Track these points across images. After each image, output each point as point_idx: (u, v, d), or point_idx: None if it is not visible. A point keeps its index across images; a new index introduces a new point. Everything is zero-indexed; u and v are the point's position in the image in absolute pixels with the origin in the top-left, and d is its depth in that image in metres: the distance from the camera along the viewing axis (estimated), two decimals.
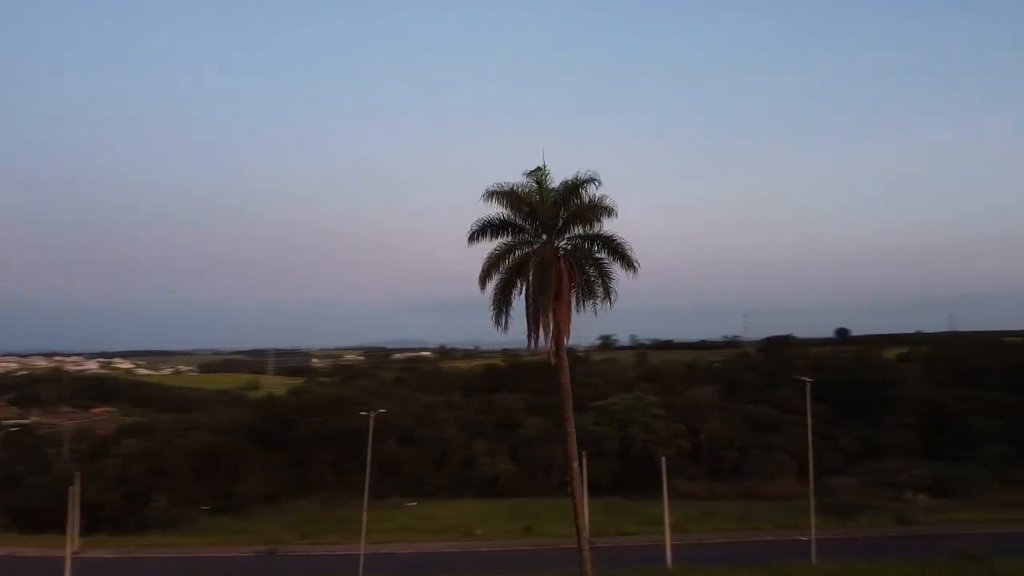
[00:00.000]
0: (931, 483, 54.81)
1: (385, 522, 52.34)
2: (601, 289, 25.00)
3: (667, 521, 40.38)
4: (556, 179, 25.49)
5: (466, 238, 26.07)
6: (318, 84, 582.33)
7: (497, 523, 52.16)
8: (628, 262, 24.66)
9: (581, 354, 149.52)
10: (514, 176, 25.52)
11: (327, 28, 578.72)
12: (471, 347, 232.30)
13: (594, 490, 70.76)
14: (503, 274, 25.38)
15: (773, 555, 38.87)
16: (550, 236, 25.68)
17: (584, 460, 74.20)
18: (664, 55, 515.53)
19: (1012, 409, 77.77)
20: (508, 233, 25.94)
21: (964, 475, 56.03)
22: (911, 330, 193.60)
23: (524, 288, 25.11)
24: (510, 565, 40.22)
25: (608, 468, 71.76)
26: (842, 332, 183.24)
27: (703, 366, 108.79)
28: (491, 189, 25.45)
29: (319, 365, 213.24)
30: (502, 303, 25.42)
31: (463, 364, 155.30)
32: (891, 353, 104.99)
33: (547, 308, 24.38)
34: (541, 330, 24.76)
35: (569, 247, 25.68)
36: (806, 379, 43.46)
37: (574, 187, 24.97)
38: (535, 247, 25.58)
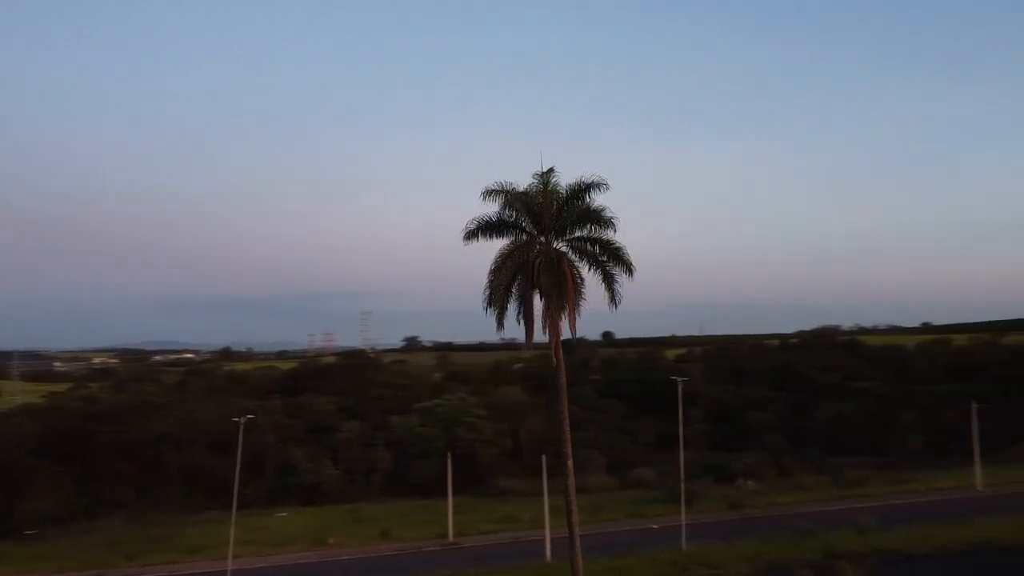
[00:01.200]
0: (758, 471, 61.33)
1: (212, 536, 48.35)
2: (607, 291, 25.32)
3: (547, 517, 41.42)
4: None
5: (463, 236, 25.79)
6: None
7: (344, 530, 50.15)
8: (627, 267, 25.20)
9: (373, 356, 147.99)
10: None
11: None
12: (244, 349, 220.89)
13: (420, 491, 70.83)
14: (504, 274, 25.07)
15: (636, 543, 41.23)
16: (550, 237, 25.66)
17: (406, 461, 74.71)
18: None
19: (777, 404, 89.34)
20: (505, 233, 25.70)
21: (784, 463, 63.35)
22: (667, 334, 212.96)
23: (523, 287, 24.98)
24: (384, 571, 39.02)
25: (433, 469, 71.92)
26: (607, 335, 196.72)
27: (506, 367, 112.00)
28: (490, 188, 25.27)
29: (65, 369, 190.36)
30: (504, 303, 25.06)
31: (244, 366, 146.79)
32: (671, 354, 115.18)
33: (550, 308, 24.48)
34: (546, 329, 24.70)
35: (570, 248, 25.86)
36: (679, 379, 46.58)
37: (578, 190, 25.22)
38: (537, 247, 25.47)
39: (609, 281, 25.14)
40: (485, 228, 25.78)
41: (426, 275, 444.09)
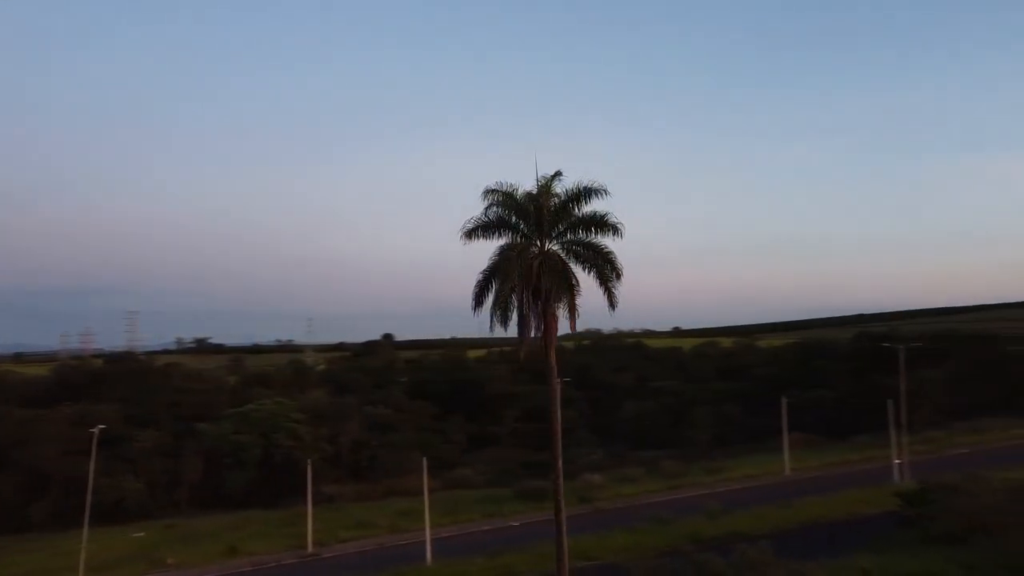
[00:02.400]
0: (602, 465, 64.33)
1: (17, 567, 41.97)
2: (605, 295, 25.34)
3: (427, 518, 40.60)
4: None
5: (463, 234, 25.24)
6: None
7: (177, 549, 45.51)
8: (617, 272, 25.40)
9: (144, 358, 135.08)
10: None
11: None
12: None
13: (235, 503, 65.89)
14: (501, 275, 24.61)
15: (506, 541, 41.76)
16: (548, 239, 25.53)
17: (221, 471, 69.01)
18: None
19: (580, 403, 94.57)
20: (504, 233, 25.39)
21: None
22: (447, 335, 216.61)
23: (521, 288, 24.54)
24: None
25: (249, 478, 67.43)
26: (388, 336, 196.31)
27: (308, 369, 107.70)
28: (490, 187, 24.98)
29: None
30: (507, 303, 24.55)
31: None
32: (473, 354, 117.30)
33: (551, 308, 24.56)
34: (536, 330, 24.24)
35: (566, 251, 25.71)
36: (566, 379, 47.49)
37: (578, 194, 25.22)
38: (534, 249, 25.25)
39: (607, 284, 25.38)
40: (485, 228, 25.34)
41: (195, 274, 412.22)
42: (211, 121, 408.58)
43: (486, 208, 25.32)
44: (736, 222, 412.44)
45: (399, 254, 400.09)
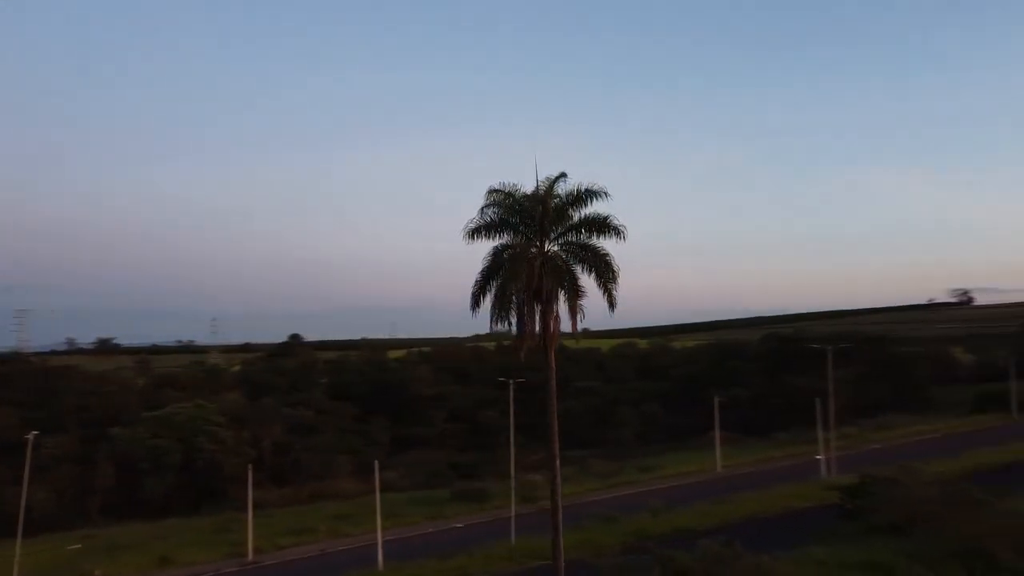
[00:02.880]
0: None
1: None
2: (605, 296, 25.19)
3: (379, 521, 39.60)
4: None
5: (465, 235, 25.21)
6: None
7: (103, 560, 42.77)
8: (613, 274, 25.28)
9: (34, 359, 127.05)
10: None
11: None
12: None
13: (151, 511, 62.53)
14: (500, 275, 24.64)
15: (452, 543, 41.32)
16: (548, 239, 25.50)
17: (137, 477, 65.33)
18: None
19: (503, 403, 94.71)
20: (506, 233, 25.29)
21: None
22: (357, 336, 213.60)
23: (518, 288, 24.37)
24: None
25: (168, 484, 64.31)
26: (296, 337, 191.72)
27: (222, 370, 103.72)
28: (493, 188, 24.90)
29: None
30: (508, 303, 24.61)
31: None
32: (393, 355, 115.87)
33: (550, 309, 24.56)
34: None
35: (566, 251, 25.63)
36: (512, 381, 47.15)
37: (579, 196, 25.19)
38: (534, 249, 25.15)
39: (606, 286, 25.30)
40: (487, 228, 25.23)
41: (86, 273, 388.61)
42: (104, 112, 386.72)
43: (484, 208, 25.22)
44: (644, 224, 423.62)
45: (308, 253, 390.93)
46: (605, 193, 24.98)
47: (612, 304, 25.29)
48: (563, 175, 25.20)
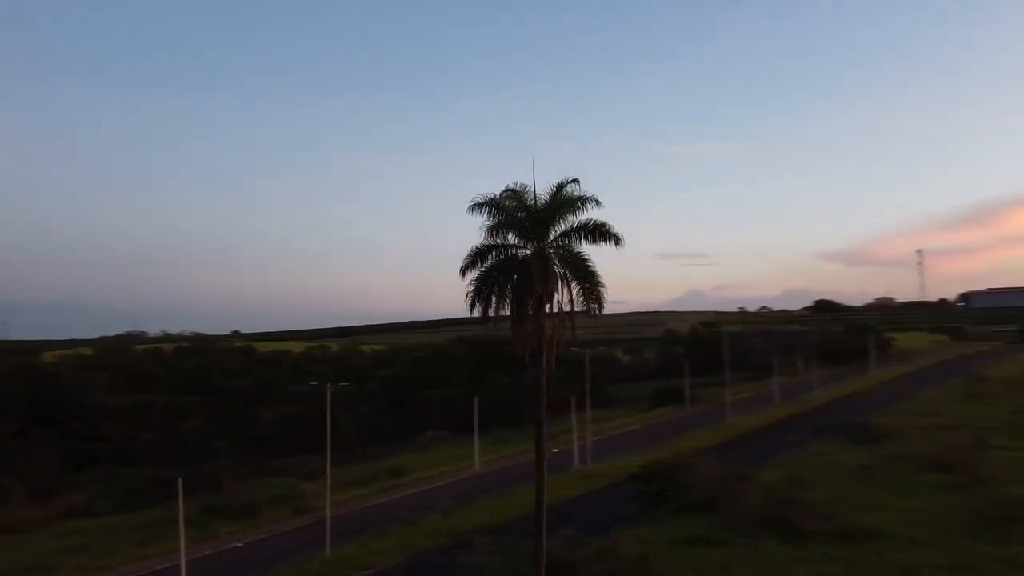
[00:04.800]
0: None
1: None
2: (594, 300, 24.29)
3: (182, 539, 33.00)
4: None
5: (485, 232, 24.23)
6: None
7: None
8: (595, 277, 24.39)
9: None
10: None
11: None
12: None
13: None
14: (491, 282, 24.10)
15: (253, 564, 36.56)
16: (540, 241, 24.30)
17: None
18: None
19: (201, 410, 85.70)
20: (498, 251, 24.53)
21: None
22: None
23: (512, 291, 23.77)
24: None
25: None
26: None
27: None
28: (477, 201, 24.06)
29: None
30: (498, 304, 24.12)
31: None
32: (49, 357, 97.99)
33: (541, 312, 23.58)
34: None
35: (557, 251, 24.47)
36: (343, 383, 42.08)
37: (574, 201, 24.26)
38: (526, 253, 24.40)
39: (595, 289, 24.43)
40: (497, 228, 24.42)
41: None
42: None
43: (493, 210, 24.22)
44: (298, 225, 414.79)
45: None
46: (597, 201, 24.57)
47: (600, 306, 24.99)
48: (575, 180, 24.47)
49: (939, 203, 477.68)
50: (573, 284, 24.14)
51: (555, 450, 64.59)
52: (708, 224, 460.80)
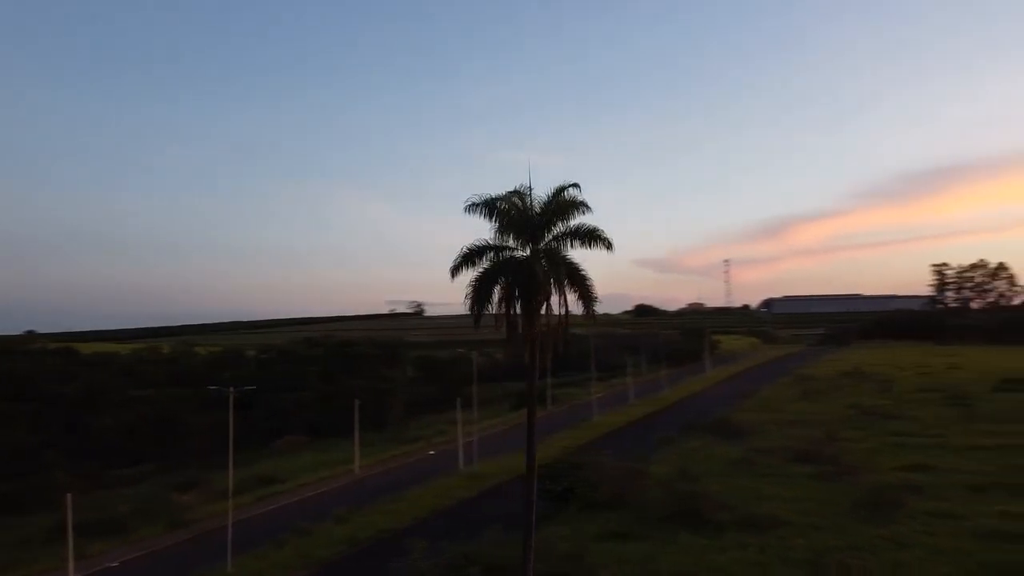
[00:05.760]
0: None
1: None
2: (586, 304, 23.91)
3: (70, 548, 28.79)
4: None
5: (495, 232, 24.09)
6: None
7: None
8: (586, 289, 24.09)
9: None
10: None
11: None
12: None
13: None
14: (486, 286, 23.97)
15: None
16: (535, 244, 24.45)
17: None
18: None
19: (21, 419, 76.28)
20: (492, 252, 24.43)
21: None
22: None
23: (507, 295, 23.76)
24: None
25: None
26: None
27: None
28: (473, 202, 23.88)
29: None
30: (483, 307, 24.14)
31: None
32: None
33: (536, 315, 23.22)
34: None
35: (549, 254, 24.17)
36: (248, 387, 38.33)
37: (567, 205, 24.08)
38: (520, 257, 24.37)
39: (586, 292, 24.11)
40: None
41: None
42: None
43: (495, 213, 24.03)
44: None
45: None
46: (587, 206, 24.45)
47: (591, 310, 24.83)
48: (576, 185, 24.35)
49: (742, 217, 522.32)
50: (567, 286, 23.99)
51: (431, 452, 63.83)
52: None
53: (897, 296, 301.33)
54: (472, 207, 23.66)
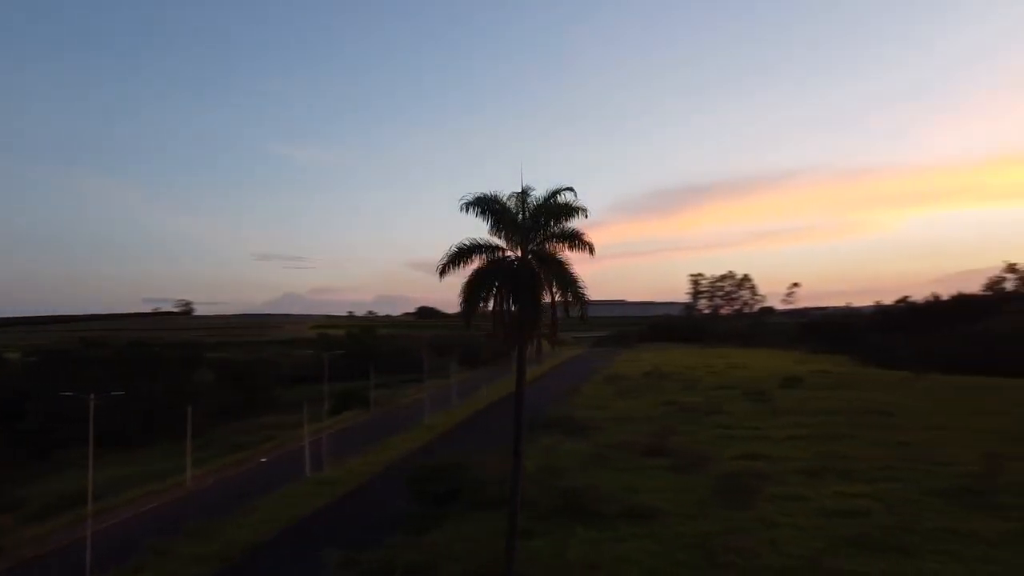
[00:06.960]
0: None
1: None
2: (578, 306, 24.10)
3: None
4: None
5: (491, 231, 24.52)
6: None
7: None
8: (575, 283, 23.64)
9: None
10: None
11: None
12: None
13: None
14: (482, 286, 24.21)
15: None
16: (526, 245, 24.79)
17: None
18: None
19: None
20: (483, 251, 24.63)
21: None
22: None
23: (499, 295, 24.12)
24: None
25: None
26: None
27: None
28: (468, 200, 23.94)
29: None
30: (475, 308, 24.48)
31: None
32: None
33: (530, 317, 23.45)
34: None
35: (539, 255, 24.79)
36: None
37: (559, 209, 24.22)
38: (513, 257, 24.81)
39: (576, 295, 24.13)
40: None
41: None
42: None
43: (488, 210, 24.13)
44: None
45: None
46: (580, 209, 24.43)
47: (580, 302, 24.35)
48: (570, 188, 24.65)
49: None
50: (555, 286, 23.84)
51: (263, 460, 59.98)
52: (308, 227, 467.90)
53: (656, 303, 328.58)
54: (467, 206, 23.32)
